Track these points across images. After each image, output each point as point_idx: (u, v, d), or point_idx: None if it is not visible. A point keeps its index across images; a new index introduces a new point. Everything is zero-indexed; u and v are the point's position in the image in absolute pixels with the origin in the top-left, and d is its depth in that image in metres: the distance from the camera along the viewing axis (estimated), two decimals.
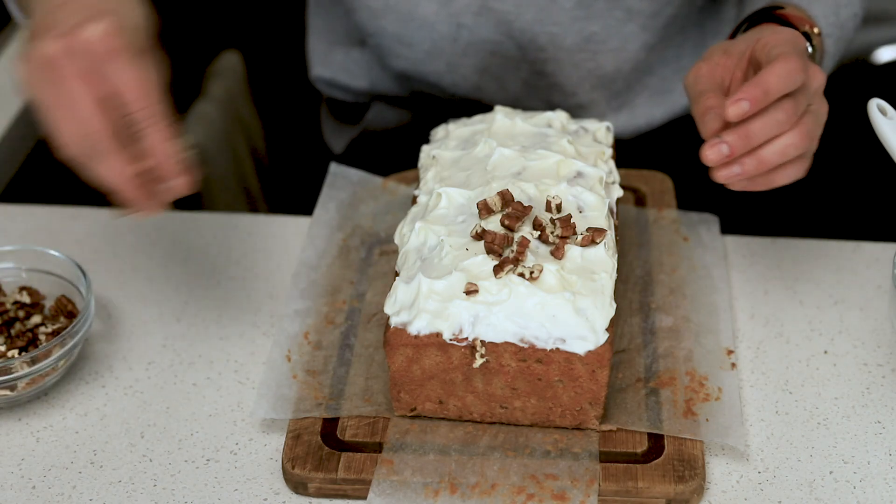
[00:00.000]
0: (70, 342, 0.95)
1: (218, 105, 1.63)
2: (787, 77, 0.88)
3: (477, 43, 1.20)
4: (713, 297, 1.03)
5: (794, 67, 0.88)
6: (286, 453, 0.90)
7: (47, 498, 0.90)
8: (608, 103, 1.24)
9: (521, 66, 1.21)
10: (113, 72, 0.83)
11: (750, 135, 0.88)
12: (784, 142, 0.90)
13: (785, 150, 0.90)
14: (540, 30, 1.17)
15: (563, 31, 1.17)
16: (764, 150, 0.90)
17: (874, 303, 1.05)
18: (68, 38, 0.82)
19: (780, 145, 0.90)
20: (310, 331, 1.01)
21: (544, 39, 1.18)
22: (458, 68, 1.22)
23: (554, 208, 0.92)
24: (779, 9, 1.02)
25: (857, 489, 0.89)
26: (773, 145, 0.89)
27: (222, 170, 1.60)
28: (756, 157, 0.90)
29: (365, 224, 1.11)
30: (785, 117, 0.89)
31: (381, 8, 1.19)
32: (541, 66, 1.20)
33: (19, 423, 0.96)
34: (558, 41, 1.18)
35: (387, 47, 1.23)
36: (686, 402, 0.93)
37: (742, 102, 0.87)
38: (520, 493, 0.87)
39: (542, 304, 0.86)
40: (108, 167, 0.84)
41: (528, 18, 1.17)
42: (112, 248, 1.13)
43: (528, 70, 1.21)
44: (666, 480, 0.87)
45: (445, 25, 1.19)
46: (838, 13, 1.06)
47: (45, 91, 0.83)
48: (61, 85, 0.82)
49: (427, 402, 0.92)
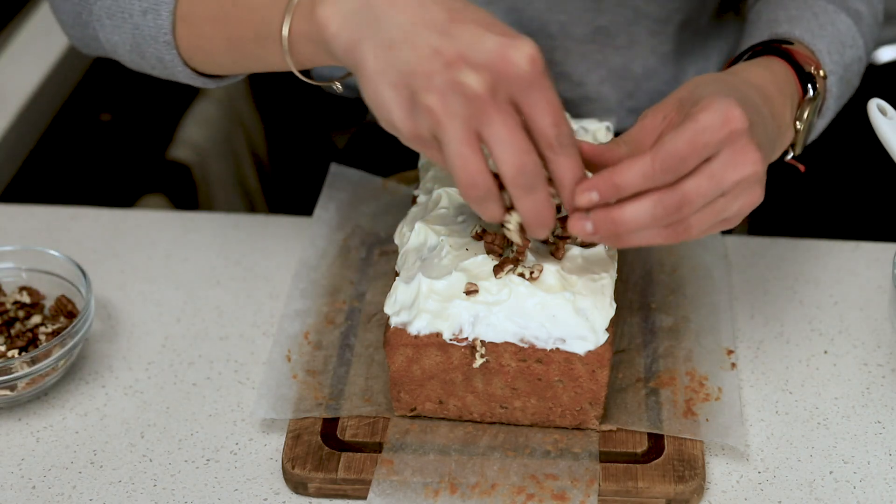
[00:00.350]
0: (70, 342, 0.95)
1: (218, 105, 1.63)
2: (646, 177, 0.79)
3: None
4: (713, 297, 1.03)
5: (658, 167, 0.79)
6: (286, 453, 0.90)
7: (47, 498, 0.90)
8: (621, 103, 1.24)
9: None
10: (537, 97, 0.76)
11: (618, 222, 0.81)
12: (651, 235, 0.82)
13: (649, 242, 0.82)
14: (550, 18, 1.17)
15: (572, 21, 1.17)
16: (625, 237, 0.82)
17: (874, 303, 1.05)
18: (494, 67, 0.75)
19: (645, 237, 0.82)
20: (310, 331, 1.01)
21: (554, 28, 1.18)
22: None
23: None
24: (787, 43, 0.98)
25: (857, 489, 0.89)
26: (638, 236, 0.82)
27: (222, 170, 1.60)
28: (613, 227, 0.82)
29: (365, 224, 1.11)
30: (663, 212, 0.80)
31: None
32: (549, 55, 1.20)
33: (19, 423, 0.96)
34: (568, 30, 1.18)
35: None
36: (686, 402, 0.93)
37: (592, 193, 0.80)
38: (520, 493, 0.87)
39: (542, 304, 0.86)
40: (541, 199, 0.78)
41: (539, 7, 1.17)
42: (112, 248, 1.13)
43: None
44: (666, 480, 0.87)
45: None
46: (843, 52, 1.01)
47: (460, 126, 0.76)
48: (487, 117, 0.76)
49: (427, 402, 0.92)
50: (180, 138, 1.58)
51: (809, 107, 0.94)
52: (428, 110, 0.76)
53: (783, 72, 0.94)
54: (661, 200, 0.80)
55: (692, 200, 0.80)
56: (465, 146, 0.76)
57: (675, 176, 0.80)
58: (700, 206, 0.81)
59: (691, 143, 0.80)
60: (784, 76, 0.94)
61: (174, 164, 1.55)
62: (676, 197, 0.80)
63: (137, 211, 1.20)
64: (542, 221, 0.79)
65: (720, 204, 0.82)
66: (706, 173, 0.80)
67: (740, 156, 0.81)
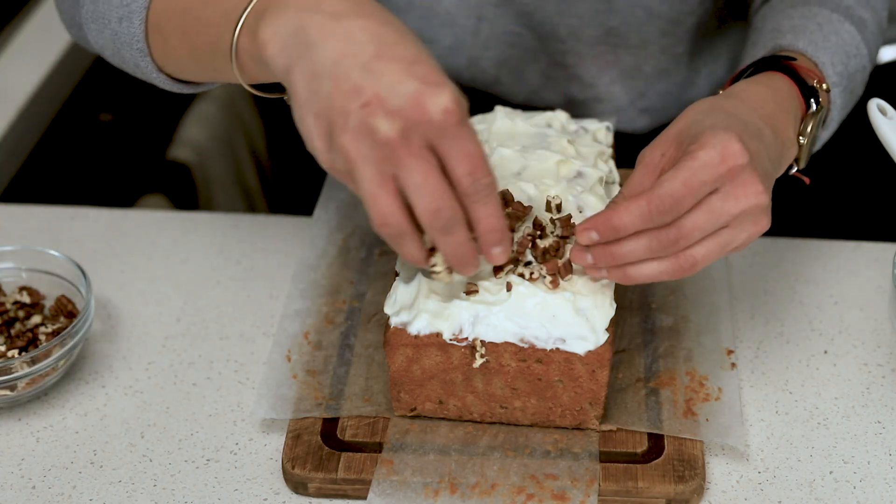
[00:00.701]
0: (70, 342, 0.95)
1: (218, 105, 1.63)
2: (643, 218, 0.81)
3: (497, 35, 1.19)
4: (713, 297, 1.03)
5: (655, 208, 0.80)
6: (286, 453, 0.90)
7: (47, 498, 0.90)
8: (632, 103, 1.24)
9: (540, 57, 1.21)
10: (451, 145, 0.76)
11: (615, 255, 0.83)
12: (656, 268, 0.84)
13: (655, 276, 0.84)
14: (560, 21, 1.17)
15: (583, 24, 1.17)
16: (630, 270, 0.84)
17: (874, 303, 1.05)
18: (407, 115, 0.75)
19: (650, 269, 0.84)
20: (310, 331, 1.01)
21: (564, 31, 1.18)
22: (479, 62, 1.22)
23: (554, 208, 0.92)
24: (790, 59, 0.97)
25: (857, 489, 0.89)
26: (642, 269, 0.84)
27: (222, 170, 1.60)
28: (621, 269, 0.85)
29: (365, 224, 1.11)
30: (659, 246, 0.82)
31: (403, 6, 1.19)
32: (560, 57, 1.20)
33: (19, 423, 0.96)
34: (578, 33, 1.18)
35: None
36: (686, 402, 0.93)
37: (591, 233, 0.82)
38: (520, 493, 0.87)
39: (542, 304, 0.86)
40: (459, 240, 0.79)
41: (549, 10, 1.17)
42: (112, 248, 1.13)
43: (547, 62, 1.21)
44: (666, 480, 0.88)
45: (466, 19, 1.19)
46: (847, 63, 1.01)
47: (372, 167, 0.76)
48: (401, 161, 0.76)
49: (427, 402, 0.92)
50: (180, 138, 1.58)
51: (812, 120, 0.94)
52: (342, 149, 0.76)
53: (785, 88, 0.94)
54: (657, 235, 0.82)
55: (689, 234, 0.82)
56: (376, 187, 0.76)
57: (673, 216, 0.81)
58: (698, 238, 0.82)
59: (687, 184, 0.81)
60: (786, 92, 0.93)
61: (174, 164, 1.55)
62: (673, 232, 0.82)
63: (137, 211, 1.20)
64: (464, 261, 0.80)
65: (724, 236, 0.83)
66: (705, 208, 0.82)
67: (741, 189, 0.82)
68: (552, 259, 0.87)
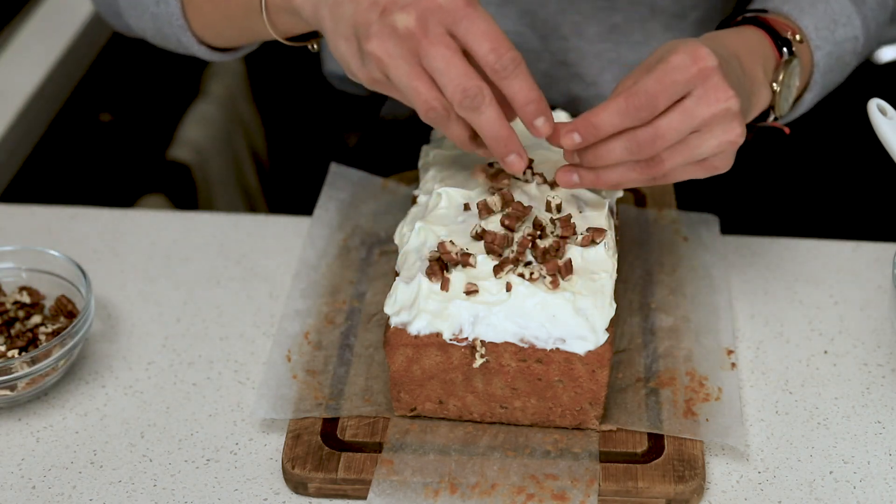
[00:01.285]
0: (70, 342, 0.95)
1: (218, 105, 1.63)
2: (622, 114, 0.84)
3: None
4: (713, 297, 1.03)
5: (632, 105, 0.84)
6: (286, 453, 0.90)
7: (47, 498, 0.90)
8: None
9: (543, 56, 1.21)
10: (467, 27, 0.82)
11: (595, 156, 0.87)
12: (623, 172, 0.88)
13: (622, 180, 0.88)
14: (563, 19, 1.17)
15: (585, 21, 1.17)
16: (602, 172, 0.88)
17: (874, 303, 1.05)
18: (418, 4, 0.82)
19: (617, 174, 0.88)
20: (310, 331, 1.01)
21: (567, 29, 1.18)
22: None
23: (554, 208, 0.92)
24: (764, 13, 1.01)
25: (857, 489, 0.89)
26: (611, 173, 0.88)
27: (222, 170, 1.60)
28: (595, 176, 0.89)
29: (365, 224, 1.11)
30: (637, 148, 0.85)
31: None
32: (563, 55, 1.20)
33: (19, 423, 0.96)
34: (581, 30, 1.18)
35: None
36: (686, 402, 0.93)
37: (574, 135, 0.86)
38: (520, 493, 0.87)
39: (542, 304, 0.86)
40: (489, 116, 0.84)
41: (552, 8, 1.17)
42: (112, 248, 1.13)
43: (550, 60, 1.21)
44: (666, 480, 0.88)
45: None
46: (833, 30, 1.03)
47: (405, 62, 0.83)
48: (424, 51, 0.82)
49: (427, 402, 0.92)
50: (180, 138, 1.58)
51: (785, 69, 0.97)
52: (373, 56, 0.84)
53: (755, 36, 0.96)
54: (634, 135, 0.85)
55: (664, 134, 0.85)
56: (412, 79, 0.83)
57: (650, 114, 0.84)
58: (673, 141, 0.85)
59: (661, 80, 0.84)
60: (756, 40, 0.96)
61: (174, 164, 1.55)
62: (649, 131, 0.85)
63: (137, 211, 1.20)
64: (500, 140, 0.85)
65: (693, 140, 0.86)
66: (678, 109, 0.85)
67: (713, 92, 0.85)
68: (552, 259, 0.87)
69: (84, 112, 1.53)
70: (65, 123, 1.48)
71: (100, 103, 1.58)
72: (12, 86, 1.40)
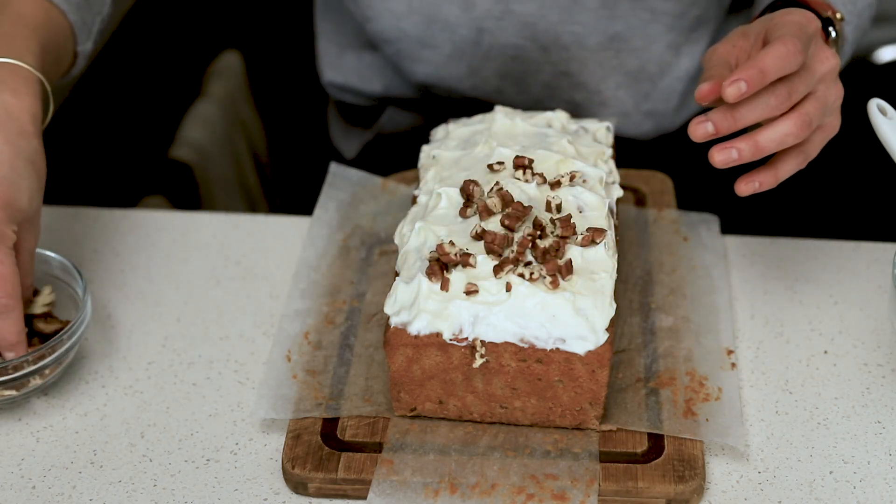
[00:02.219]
0: (66, 343, 0.95)
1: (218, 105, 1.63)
2: (784, 59, 0.87)
3: (498, 47, 1.20)
4: (713, 297, 1.03)
5: (791, 49, 0.87)
6: (286, 453, 0.90)
7: (47, 498, 0.90)
8: (637, 106, 1.24)
9: (544, 67, 1.21)
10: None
11: (736, 115, 0.88)
12: (780, 129, 0.89)
13: (782, 138, 0.89)
14: (563, 30, 1.17)
15: (586, 31, 1.17)
16: (759, 135, 0.89)
17: (874, 303, 1.05)
18: None
19: (776, 132, 0.89)
20: (310, 331, 1.01)
21: (568, 39, 1.18)
22: (480, 72, 1.22)
23: (554, 208, 0.92)
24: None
25: (857, 489, 0.89)
26: (769, 131, 0.89)
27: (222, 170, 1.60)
28: (751, 140, 0.89)
29: (365, 224, 1.11)
30: (776, 101, 0.88)
31: (404, 11, 1.19)
32: (564, 66, 1.20)
33: (19, 423, 0.96)
34: (582, 40, 1.18)
35: (408, 51, 1.22)
36: (686, 402, 0.93)
37: (740, 83, 0.86)
38: (520, 493, 0.87)
39: (542, 304, 0.86)
40: None
41: (552, 20, 1.17)
42: (112, 248, 1.13)
43: (551, 71, 1.21)
44: (666, 480, 0.87)
45: (467, 29, 1.19)
46: (856, 2, 1.06)
47: None
48: None
49: (427, 402, 0.92)
50: (180, 138, 1.58)
51: (833, 48, 0.99)
52: None
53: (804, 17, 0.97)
54: (771, 90, 0.88)
55: (796, 87, 0.89)
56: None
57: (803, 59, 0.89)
58: (802, 94, 0.90)
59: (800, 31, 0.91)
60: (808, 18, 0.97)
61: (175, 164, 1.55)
62: (785, 85, 0.88)
63: (137, 211, 1.20)
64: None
65: (820, 93, 0.91)
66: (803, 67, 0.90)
67: (821, 52, 0.92)
68: (552, 259, 0.87)
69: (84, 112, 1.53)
70: (65, 123, 1.48)
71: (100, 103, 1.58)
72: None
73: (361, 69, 1.31)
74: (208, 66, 1.71)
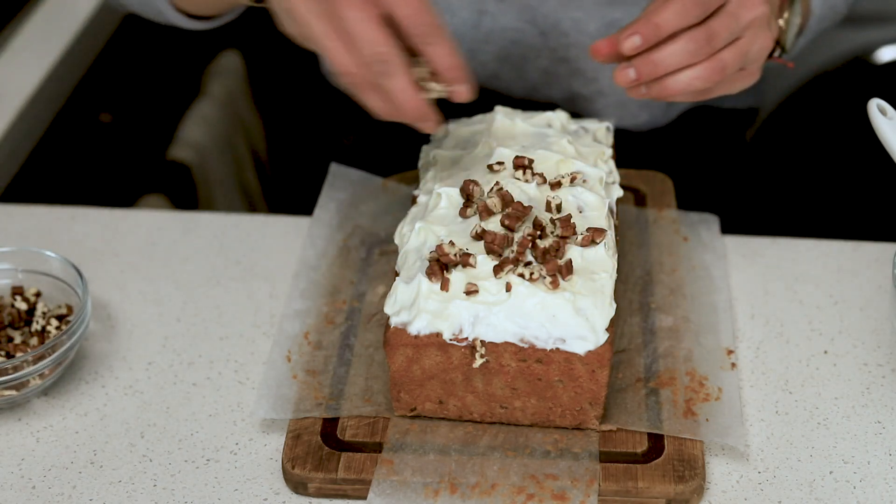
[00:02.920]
0: (66, 343, 0.95)
1: (218, 105, 1.63)
2: (681, 13, 0.89)
3: (498, 31, 1.20)
4: (713, 297, 1.03)
5: (689, 4, 0.88)
6: (286, 453, 0.90)
7: (47, 498, 0.90)
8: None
9: (542, 53, 1.21)
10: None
11: (656, 60, 0.90)
12: (691, 74, 0.91)
13: (690, 81, 0.91)
14: (563, 15, 1.18)
15: (586, 17, 1.18)
16: (668, 80, 0.91)
17: (874, 303, 1.05)
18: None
19: (686, 75, 0.91)
20: (310, 331, 1.01)
21: (567, 25, 1.18)
22: (478, 55, 1.22)
23: (554, 208, 0.92)
24: None
25: (857, 489, 0.89)
26: (679, 77, 0.91)
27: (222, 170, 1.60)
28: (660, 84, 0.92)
29: (365, 224, 1.11)
30: (695, 46, 0.90)
31: None
32: (563, 52, 1.20)
33: (19, 423, 0.96)
34: (581, 26, 1.18)
35: None
36: (686, 402, 0.93)
37: (634, 37, 0.89)
38: (520, 493, 0.87)
39: (542, 304, 0.86)
40: (398, 84, 0.85)
41: (552, 4, 1.17)
42: (112, 248, 1.13)
43: (549, 57, 1.21)
44: (666, 480, 0.88)
45: (467, 11, 1.19)
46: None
47: (322, 22, 0.85)
48: (340, 13, 0.83)
49: (427, 402, 0.92)
50: (180, 138, 1.58)
51: (790, 7, 1.02)
52: (294, 13, 0.86)
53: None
54: (691, 36, 0.89)
55: (718, 33, 0.90)
56: (328, 40, 0.85)
57: (704, 12, 0.89)
58: (725, 41, 0.91)
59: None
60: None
61: (174, 164, 1.55)
62: (704, 31, 0.90)
63: (137, 211, 1.20)
64: (406, 107, 0.86)
65: (743, 42, 0.92)
66: (725, 11, 0.91)
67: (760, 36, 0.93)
68: (552, 259, 0.87)
69: (84, 112, 1.53)
70: (65, 123, 1.48)
71: (100, 103, 1.58)
72: (12, 86, 1.40)
73: None
74: (208, 65, 1.71)
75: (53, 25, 1.50)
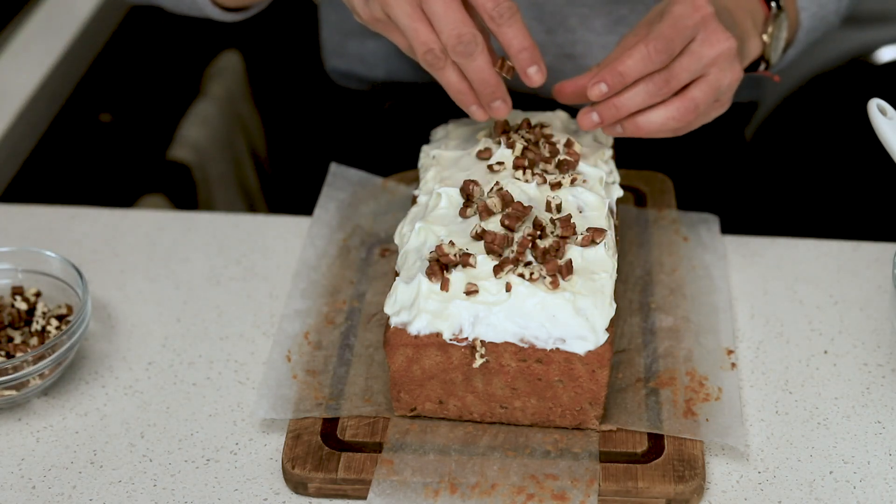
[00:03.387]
0: (66, 343, 0.95)
1: (218, 105, 1.63)
2: (644, 61, 0.90)
3: None
4: (713, 297, 1.03)
5: (652, 50, 0.90)
6: (286, 453, 0.90)
7: (47, 498, 0.90)
8: None
9: (549, 49, 1.21)
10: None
11: (617, 104, 0.92)
12: (662, 112, 0.93)
13: (664, 121, 0.93)
14: (571, 11, 1.18)
15: (593, 13, 1.18)
16: (640, 120, 0.93)
17: (874, 303, 1.05)
18: None
19: (658, 115, 0.93)
20: (310, 331, 1.01)
21: (574, 21, 1.18)
22: None
23: (554, 208, 0.92)
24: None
25: (857, 489, 0.89)
26: (651, 118, 0.93)
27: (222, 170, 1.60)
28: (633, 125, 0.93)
29: (365, 224, 1.11)
30: (655, 88, 0.91)
31: None
32: (569, 48, 1.20)
33: (19, 423, 0.96)
34: (588, 22, 1.19)
35: None
36: (686, 402, 0.93)
37: (600, 85, 0.91)
38: (520, 493, 0.87)
39: (542, 304, 0.86)
40: (479, 64, 0.89)
41: (559, 1, 1.17)
42: (112, 248, 1.13)
43: (556, 53, 1.21)
44: (666, 480, 0.88)
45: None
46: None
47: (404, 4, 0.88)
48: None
49: (427, 402, 0.92)
50: (180, 138, 1.58)
51: (774, 22, 1.02)
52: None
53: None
54: (651, 79, 0.91)
55: (677, 74, 0.92)
56: (412, 21, 0.89)
57: (668, 57, 0.91)
58: (686, 80, 0.92)
59: (673, 27, 0.91)
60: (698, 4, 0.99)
61: (174, 164, 1.55)
62: (664, 73, 0.91)
63: (137, 211, 1.20)
64: (489, 86, 0.91)
65: (712, 78, 0.93)
66: (688, 50, 0.92)
67: (713, 35, 0.93)
68: (552, 259, 0.87)
69: (84, 112, 1.53)
70: (65, 123, 1.48)
71: (100, 103, 1.58)
72: (12, 86, 1.40)
73: (364, 56, 1.31)
74: (208, 65, 1.71)
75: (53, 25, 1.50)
